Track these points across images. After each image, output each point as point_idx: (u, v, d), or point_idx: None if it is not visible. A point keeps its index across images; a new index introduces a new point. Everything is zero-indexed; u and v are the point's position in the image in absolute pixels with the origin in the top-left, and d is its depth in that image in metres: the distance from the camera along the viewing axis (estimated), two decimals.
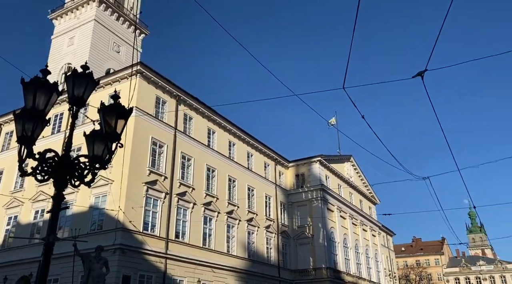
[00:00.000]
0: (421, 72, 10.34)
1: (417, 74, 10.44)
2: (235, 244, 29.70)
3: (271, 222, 34.85)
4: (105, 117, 5.98)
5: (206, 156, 28.82)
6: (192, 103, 28.27)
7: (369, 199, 51.49)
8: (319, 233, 36.63)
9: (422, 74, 10.36)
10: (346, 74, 10.83)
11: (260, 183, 34.74)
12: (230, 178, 31.06)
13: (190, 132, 28.02)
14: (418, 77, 10.57)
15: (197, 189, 26.99)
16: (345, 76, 10.73)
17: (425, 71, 10.32)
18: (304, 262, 36.51)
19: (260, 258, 32.12)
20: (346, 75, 10.82)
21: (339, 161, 44.58)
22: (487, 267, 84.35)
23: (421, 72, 10.34)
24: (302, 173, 39.96)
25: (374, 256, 48.24)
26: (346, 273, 38.74)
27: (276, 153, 38.12)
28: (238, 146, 33.16)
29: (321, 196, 37.76)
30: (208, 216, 27.58)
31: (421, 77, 10.44)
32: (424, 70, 10.29)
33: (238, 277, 28.63)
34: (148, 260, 21.95)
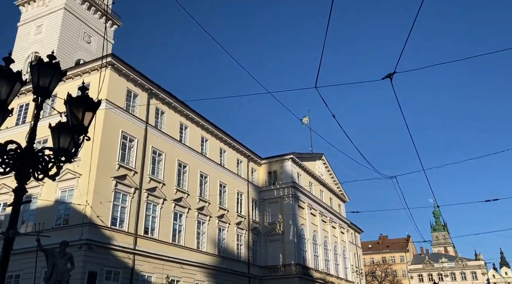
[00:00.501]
0: (390, 74, 10.61)
1: (386, 76, 10.71)
2: (205, 240, 29.61)
3: (242, 219, 34.94)
4: (72, 109, 5.84)
5: (177, 151, 28.53)
6: (164, 97, 27.89)
7: (339, 197, 52.47)
8: (289, 230, 37.04)
9: (391, 76, 10.64)
10: (318, 73, 10.98)
11: (232, 180, 34.73)
12: (202, 174, 30.89)
13: (161, 127, 27.65)
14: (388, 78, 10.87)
15: (167, 185, 26.69)
16: (317, 76, 10.86)
17: (394, 73, 10.60)
18: (274, 258, 36.84)
19: (230, 254, 32.16)
20: (318, 74, 10.94)
21: (311, 159, 45.17)
22: (449, 264, 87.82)
23: (390, 74, 10.61)
24: (274, 170, 40.25)
25: (342, 252, 49.26)
26: (314, 269, 39.39)
27: (249, 150, 38.20)
28: (210, 142, 33.00)
29: (292, 194, 38.17)
30: (178, 212, 27.35)
31: (390, 79, 10.73)
32: (393, 73, 10.57)
33: (208, 274, 28.58)
34: (115, 255, 21.56)
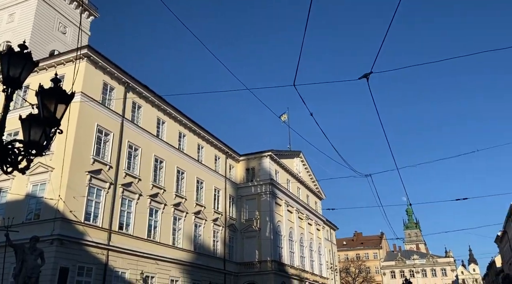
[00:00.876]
0: (366, 74, 10.78)
1: (362, 76, 10.87)
2: (181, 236, 29.43)
3: (219, 215, 34.89)
4: (44, 101, 5.67)
5: (154, 146, 28.19)
6: (141, 91, 27.46)
7: (316, 194, 53.07)
8: (266, 227, 37.23)
9: (367, 76, 10.82)
10: (297, 71, 11.03)
11: (209, 176, 34.59)
12: (179, 170, 30.64)
13: (138, 121, 27.23)
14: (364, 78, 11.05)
15: (143, 180, 26.36)
16: (296, 74, 10.94)
17: (370, 73, 10.78)
18: (250, 255, 36.98)
19: (206, 250, 32.08)
20: (297, 72, 11.01)
21: (289, 156, 45.48)
22: (420, 261, 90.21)
23: (367, 74, 10.79)
24: (252, 167, 40.32)
25: (317, 249, 49.90)
26: (290, 265, 39.76)
27: (227, 146, 38.11)
28: (188, 138, 32.75)
29: (270, 190, 38.36)
30: (154, 208, 27.06)
31: (366, 79, 10.90)
32: (370, 73, 10.75)
33: (183, 270, 28.44)
34: (88, 251, 21.17)
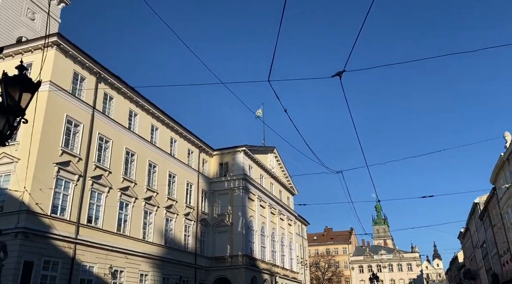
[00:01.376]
0: (339, 72, 10.94)
1: (336, 74, 11.02)
2: (152, 230, 29.10)
3: (191, 210, 34.69)
4: (8, 89, 5.48)
5: (126, 139, 27.66)
6: (113, 82, 26.84)
7: (288, 189, 53.59)
8: (238, 222, 37.33)
9: (340, 74, 10.98)
10: (271, 67, 11.06)
11: (182, 170, 34.30)
12: (151, 163, 30.22)
13: (109, 113, 26.63)
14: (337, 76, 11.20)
15: (114, 173, 25.85)
16: (270, 70, 10.97)
17: (343, 71, 10.95)
18: (221, 249, 37.01)
19: (177, 245, 31.86)
20: (271, 68, 11.04)
21: (263, 152, 45.67)
22: (387, 256, 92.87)
23: (340, 72, 10.94)
24: (226, 162, 40.25)
25: (288, 244, 50.48)
26: (261, 260, 40.07)
27: (201, 140, 37.86)
28: (161, 131, 32.32)
29: (243, 186, 38.43)
30: (124, 202, 26.61)
31: (339, 77, 11.06)
32: (342, 71, 10.91)
33: (153, 264, 28.15)
34: (55, 245, 20.61)
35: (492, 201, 47.78)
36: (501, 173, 41.20)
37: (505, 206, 41.68)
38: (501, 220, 43.90)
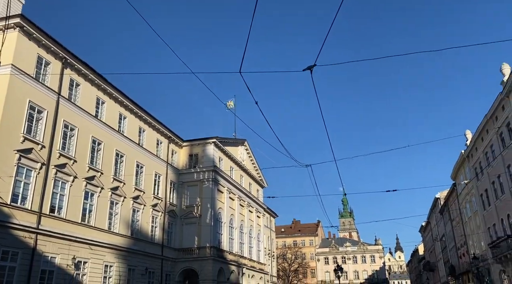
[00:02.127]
0: (310, 67, 11.03)
1: (307, 68, 11.11)
2: (118, 221, 28.56)
3: (159, 201, 34.27)
4: None
5: (92, 127, 26.89)
6: (80, 68, 25.95)
7: (258, 182, 53.87)
8: (207, 213, 37.22)
9: (311, 69, 11.07)
10: (243, 59, 11.02)
11: (150, 161, 33.77)
12: (118, 153, 29.56)
13: (76, 100, 25.77)
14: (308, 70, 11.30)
15: (79, 162, 25.12)
16: (242, 61, 10.93)
17: (314, 66, 11.05)
18: (189, 241, 36.84)
19: (143, 236, 31.45)
20: (243, 60, 11.00)
21: (234, 144, 45.60)
22: (352, 248, 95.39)
23: (311, 66, 11.03)
24: (196, 154, 39.93)
25: (256, 236, 50.89)
26: (229, 252, 40.21)
27: (170, 131, 37.35)
28: (129, 120, 31.62)
29: (212, 177, 38.28)
30: (90, 191, 25.94)
31: (310, 71, 11.16)
32: (313, 65, 11.01)
33: (118, 255, 27.69)
34: (14, 235, 19.85)
35: (452, 196, 49.93)
36: (461, 170, 43.07)
37: (464, 201, 43.68)
38: (460, 215, 46.00)
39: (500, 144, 29.68)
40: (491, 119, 30.81)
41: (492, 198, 32.96)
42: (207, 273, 34.90)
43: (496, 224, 32.69)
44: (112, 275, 26.84)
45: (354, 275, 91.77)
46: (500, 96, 27.95)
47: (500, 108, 28.81)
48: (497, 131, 29.80)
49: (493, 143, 31.26)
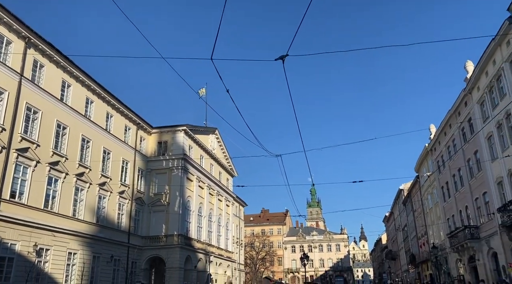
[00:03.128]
0: (282, 56, 11.02)
1: (279, 57, 11.10)
2: (83, 208, 27.87)
3: (126, 188, 33.67)
4: None
5: (57, 111, 25.93)
6: (45, 49, 24.85)
7: (228, 171, 53.88)
8: (175, 201, 36.94)
9: (283, 58, 11.07)
10: (214, 45, 10.88)
11: (118, 147, 33.02)
12: (84, 138, 28.72)
13: (40, 82, 24.72)
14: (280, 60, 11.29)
15: (42, 146, 24.22)
16: (214, 48, 10.77)
17: (287, 55, 11.06)
18: (156, 229, 36.51)
19: (110, 223, 30.88)
20: (214, 47, 10.85)
21: (205, 132, 45.27)
22: (318, 237, 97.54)
23: (283, 56, 11.02)
24: (165, 141, 39.38)
25: (225, 224, 51.08)
26: (197, 240, 40.19)
27: (139, 117, 36.59)
28: (96, 104, 30.71)
29: (182, 166, 37.93)
30: (53, 177, 25.12)
31: (282, 61, 11.16)
32: (286, 55, 11.01)
33: (83, 242, 27.09)
34: None
35: (415, 188, 51.82)
36: (424, 163, 44.69)
37: (426, 193, 45.44)
38: (421, 206, 47.87)
39: (462, 138, 30.95)
40: (454, 114, 32.02)
41: (452, 190, 34.45)
42: (174, 261, 34.78)
43: (455, 215, 34.24)
44: (76, 262, 26.26)
45: (319, 263, 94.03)
46: (463, 93, 29.05)
47: (463, 104, 29.97)
48: (459, 126, 31.03)
49: (455, 138, 32.55)
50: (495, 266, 26.76)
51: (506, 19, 20.86)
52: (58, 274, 24.39)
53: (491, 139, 25.62)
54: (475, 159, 28.75)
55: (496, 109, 23.89)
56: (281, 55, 11.10)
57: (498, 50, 23.10)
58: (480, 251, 28.25)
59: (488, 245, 26.94)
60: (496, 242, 25.52)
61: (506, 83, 22.38)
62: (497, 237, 25.18)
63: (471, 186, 29.72)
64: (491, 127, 24.83)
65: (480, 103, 26.76)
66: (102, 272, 29.03)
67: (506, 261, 24.15)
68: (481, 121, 26.47)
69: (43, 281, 23.14)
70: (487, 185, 26.48)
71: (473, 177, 29.18)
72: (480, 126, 26.42)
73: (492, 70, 24.24)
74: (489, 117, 25.07)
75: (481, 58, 24.83)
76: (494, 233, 25.52)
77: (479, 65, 25.48)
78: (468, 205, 30.69)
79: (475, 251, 28.79)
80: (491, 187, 25.73)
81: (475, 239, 28.42)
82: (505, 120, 23.07)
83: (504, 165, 23.42)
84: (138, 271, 34.35)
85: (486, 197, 27.09)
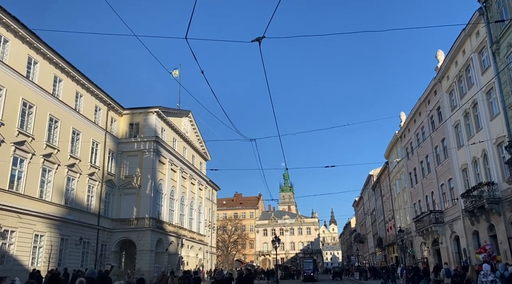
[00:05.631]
0: (259, 38, 10.85)
1: (255, 39, 10.94)
2: (51, 189, 27.09)
3: (96, 170, 32.92)
4: None
5: (23, 88, 24.82)
6: (9, 23, 23.57)
7: (201, 155, 53.55)
8: (147, 184, 36.49)
9: (259, 40, 10.92)
10: (189, 24, 10.59)
11: (87, 128, 32.11)
12: (52, 118, 27.73)
13: (3, 57, 23.51)
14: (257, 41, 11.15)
15: (7, 125, 23.21)
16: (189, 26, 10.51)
17: (263, 37, 10.91)
18: (127, 211, 36.05)
19: (79, 205, 30.21)
20: (189, 25, 10.57)
21: (178, 115, 44.62)
22: (290, 220, 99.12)
23: (259, 38, 10.86)
24: (137, 123, 38.59)
25: (198, 208, 51.02)
26: (168, 223, 39.99)
27: (110, 97, 35.61)
28: (65, 83, 29.61)
29: (154, 148, 37.38)
30: (19, 157, 24.21)
31: (258, 43, 11.02)
32: (262, 37, 10.85)
33: (50, 224, 26.41)
34: None
35: (384, 174, 53.25)
36: (394, 149, 45.87)
37: (394, 178, 46.78)
38: (390, 191, 49.32)
39: (430, 126, 31.86)
40: (424, 102, 32.85)
41: (420, 176, 35.60)
42: (145, 244, 34.55)
43: (421, 200, 35.49)
44: (42, 244, 25.64)
45: (290, 246, 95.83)
46: (433, 81, 29.78)
47: (433, 93, 30.76)
48: (428, 114, 31.89)
49: (424, 125, 33.47)
50: (457, 249, 28.05)
51: (476, 10, 21.37)
52: (24, 256, 23.76)
53: (458, 127, 26.49)
54: (442, 146, 29.72)
55: (464, 98, 24.65)
56: (258, 37, 10.94)
57: (468, 40, 23.70)
58: (443, 234, 29.48)
59: (451, 229, 28.14)
60: (459, 226, 26.69)
61: (474, 73, 23.07)
62: (459, 221, 26.32)
63: (437, 173, 30.78)
64: (459, 115, 25.64)
65: (449, 92, 27.53)
66: (71, 254, 28.51)
67: (467, 244, 25.35)
68: (449, 110, 27.27)
69: (8, 263, 22.51)
70: (452, 172, 27.49)
71: (439, 164, 30.21)
72: (448, 115, 27.23)
73: (461, 60, 24.89)
74: (457, 106, 25.85)
75: (451, 48, 25.43)
76: (457, 217, 26.66)
77: (449, 55, 26.10)
78: (434, 191, 31.84)
79: (439, 235, 30.03)
80: (456, 173, 26.74)
81: (439, 223, 29.61)
82: (472, 109, 23.86)
83: (469, 153, 24.33)
84: (108, 253, 33.93)
85: (451, 183, 28.16)
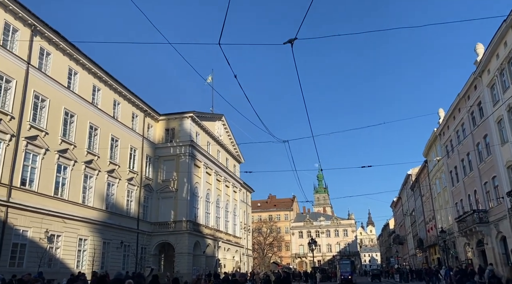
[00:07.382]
0: (291, 40, 10.81)
1: (287, 41, 10.90)
2: (92, 195, 28.16)
3: (135, 175, 33.91)
4: None
5: (65, 98, 26.00)
6: (51, 37, 24.79)
7: (235, 157, 54.00)
8: (183, 188, 37.18)
9: (292, 42, 10.88)
10: (222, 30, 10.71)
11: (126, 134, 33.15)
12: (92, 125, 28.84)
13: (47, 70, 24.73)
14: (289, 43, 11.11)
15: (51, 134, 24.37)
16: (222, 32, 10.62)
17: (295, 39, 10.86)
18: (165, 215, 36.87)
19: (119, 210, 31.22)
20: (222, 31, 10.68)
21: (211, 119, 45.26)
22: (326, 222, 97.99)
23: (291, 39, 10.81)
24: (172, 128, 39.46)
25: (233, 210, 51.43)
26: (205, 226, 40.55)
27: (146, 104, 36.62)
28: (103, 92, 30.74)
29: (189, 152, 38.07)
30: (62, 164, 25.33)
31: (291, 44, 10.98)
32: (294, 38, 10.81)
33: (93, 229, 27.45)
34: None
35: (423, 173, 51.57)
36: (432, 147, 44.36)
37: (434, 178, 45.21)
38: (430, 191, 47.69)
39: (471, 122, 30.57)
40: (463, 98, 31.57)
41: (461, 175, 34.21)
42: (183, 246, 35.19)
43: (463, 199, 34.08)
44: (86, 248, 26.67)
45: (327, 248, 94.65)
46: (473, 76, 28.58)
47: (473, 88, 29.51)
48: (468, 110, 30.62)
49: (464, 122, 32.16)
50: (503, 250, 26.70)
51: None
52: (69, 259, 24.82)
53: (501, 123, 25.26)
54: (484, 143, 28.43)
55: (507, 92, 23.48)
56: (290, 39, 10.89)
57: (509, 31, 22.59)
58: (489, 235, 28.15)
59: (497, 229, 26.83)
60: (505, 226, 25.40)
61: None
62: (506, 221, 25.04)
63: (480, 170, 29.47)
64: (502, 110, 24.45)
65: (490, 86, 26.32)
66: (113, 258, 29.48)
67: None
68: (491, 105, 26.07)
69: (55, 266, 23.58)
70: (496, 169, 26.23)
71: (482, 161, 28.90)
72: (490, 110, 26.04)
73: (503, 53, 23.74)
74: (500, 100, 24.66)
75: (492, 40, 24.32)
76: (503, 217, 25.38)
77: (489, 47, 24.96)
78: (477, 189, 30.49)
79: (484, 235, 28.71)
80: (500, 171, 25.48)
81: (484, 223, 28.30)
82: None
83: None
84: (148, 256, 34.84)
85: (496, 181, 26.86)
